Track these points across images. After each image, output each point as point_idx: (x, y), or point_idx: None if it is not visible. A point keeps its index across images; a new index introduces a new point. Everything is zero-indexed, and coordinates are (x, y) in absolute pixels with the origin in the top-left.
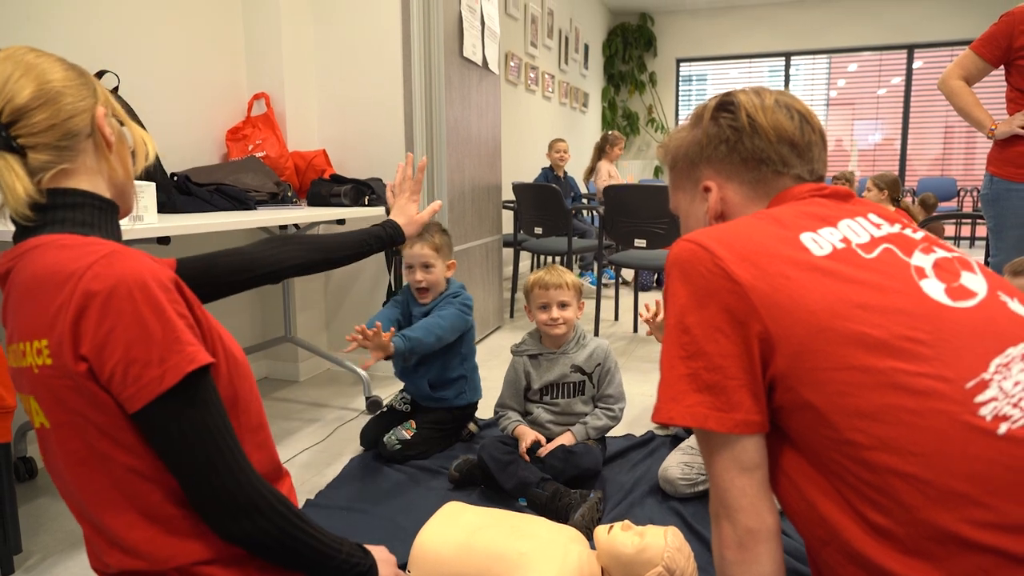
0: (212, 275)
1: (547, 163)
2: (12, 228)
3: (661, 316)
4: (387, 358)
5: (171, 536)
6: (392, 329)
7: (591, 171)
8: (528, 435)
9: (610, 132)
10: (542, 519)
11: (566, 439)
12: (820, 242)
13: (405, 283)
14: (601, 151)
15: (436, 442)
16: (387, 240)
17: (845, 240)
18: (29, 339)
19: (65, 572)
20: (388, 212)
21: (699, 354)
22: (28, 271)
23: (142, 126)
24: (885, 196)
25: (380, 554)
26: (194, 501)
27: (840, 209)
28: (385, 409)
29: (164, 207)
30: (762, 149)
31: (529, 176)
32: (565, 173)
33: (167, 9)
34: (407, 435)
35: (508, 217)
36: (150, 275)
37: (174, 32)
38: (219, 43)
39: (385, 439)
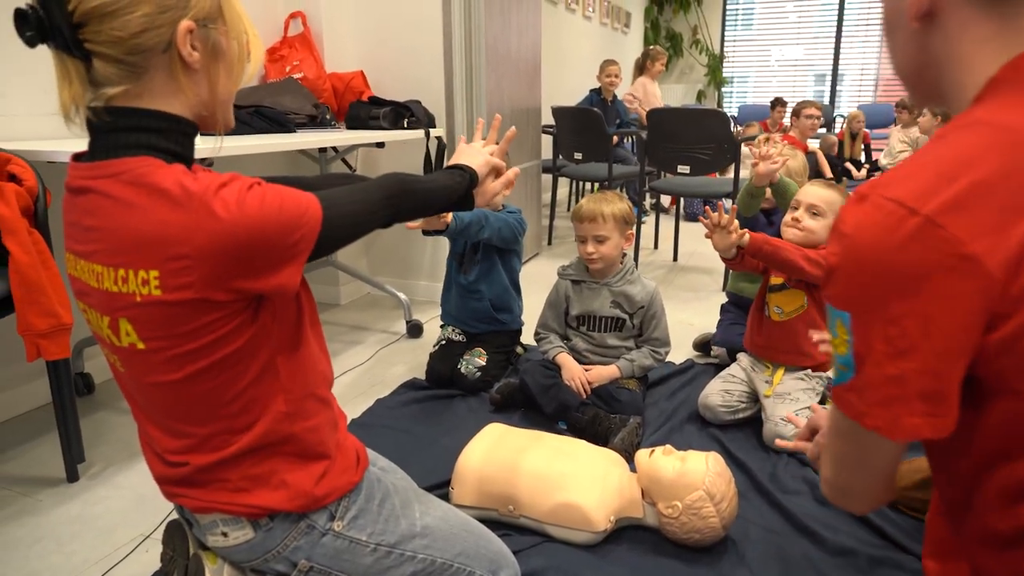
0: None
1: (592, 86)
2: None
3: (724, 221)
4: (434, 233)
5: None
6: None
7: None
8: (571, 367)
9: (651, 47)
10: (583, 442)
11: (611, 372)
12: None
13: None
14: (642, 68)
15: (503, 366)
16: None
17: None
18: (130, 267)
19: (125, 480)
20: (428, 136)
21: (911, 352)
22: (124, 200)
23: None
24: (939, 121)
25: (471, 158)
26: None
27: None
28: (444, 342)
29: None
30: None
31: (569, 100)
32: (615, 97)
33: None
34: (481, 362)
35: (547, 143)
36: (254, 183)
37: None
38: None
39: (463, 370)
